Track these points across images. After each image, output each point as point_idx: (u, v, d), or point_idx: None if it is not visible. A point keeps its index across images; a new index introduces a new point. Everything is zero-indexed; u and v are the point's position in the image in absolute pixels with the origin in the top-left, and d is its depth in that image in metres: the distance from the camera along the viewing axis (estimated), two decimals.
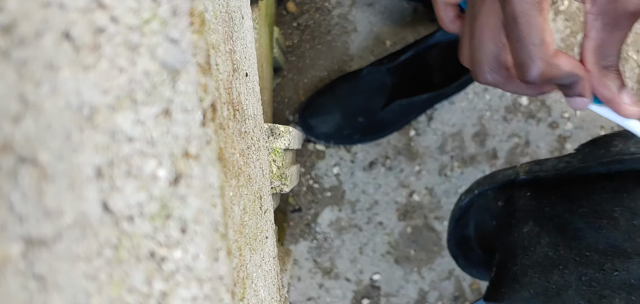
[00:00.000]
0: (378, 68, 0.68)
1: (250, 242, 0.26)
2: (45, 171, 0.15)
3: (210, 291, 0.18)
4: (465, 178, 0.73)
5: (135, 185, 0.16)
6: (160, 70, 0.17)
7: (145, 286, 0.17)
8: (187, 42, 0.17)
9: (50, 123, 0.15)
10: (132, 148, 0.16)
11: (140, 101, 0.17)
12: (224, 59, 0.25)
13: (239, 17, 0.30)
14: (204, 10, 0.18)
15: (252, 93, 0.31)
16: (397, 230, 0.74)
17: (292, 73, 0.75)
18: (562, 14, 0.74)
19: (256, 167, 0.30)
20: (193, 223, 0.17)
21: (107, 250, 0.16)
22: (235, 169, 0.24)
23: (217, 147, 0.19)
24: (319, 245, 0.74)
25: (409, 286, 0.74)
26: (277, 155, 0.38)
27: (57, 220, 0.15)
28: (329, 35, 0.75)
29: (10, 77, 0.14)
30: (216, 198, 0.18)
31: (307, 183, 0.74)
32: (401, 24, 0.75)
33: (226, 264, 0.18)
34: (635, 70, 0.74)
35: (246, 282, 0.24)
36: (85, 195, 0.16)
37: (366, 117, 0.69)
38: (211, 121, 0.18)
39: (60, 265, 0.15)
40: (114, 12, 0.16)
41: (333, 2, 0.75)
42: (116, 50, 0.16)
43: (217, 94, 0.22)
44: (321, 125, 0.69)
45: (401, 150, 0.73)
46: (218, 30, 0.24)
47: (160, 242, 0.17)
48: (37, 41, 0.15)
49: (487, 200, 0.45)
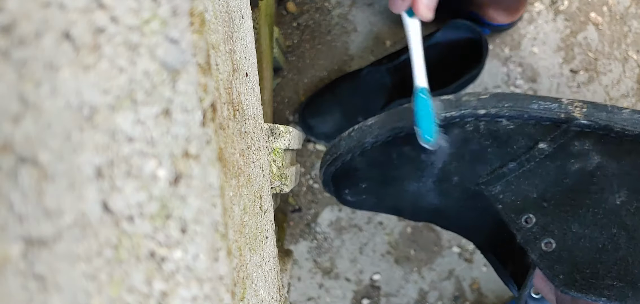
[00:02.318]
0: (378, 68, 0.68)
1: (250, 242, 0.26)
2: (45, 171, 0.15)
3: (210, 291, 0.18)
4: None
5: (135, 185, 0.16)
6: (160, 70, 0.17)
7: (145, 286, 0.17)
8: (187, 42, 0.17)
9: (50, 123, 0.15)
10: (132, 148, 0.16)
11: (140, 101, 0.17)
12: (224, 59, 0.25)
13: (239, 17, 0.30)
14: (204, 10, 0.18)
15: (252, 93, 0.31)
16: (397, 230, 0.74)
17: (292, 73, 0.75)
18: (562, 14, 0.74)
19: (256, 167, 0.30)
20: (193, 223, 0.17)
21: (107, 250, 0.16)
22: (235, 169, 0.24)
23: (217, 147, 0.19)
24: (319, 245, 0.74)
25: (409, 286, 0.74)
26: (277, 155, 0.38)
27: (57, 220, 0.15)
28: (329, 35, 0.75)
29: (10, 77, 0.14)
30: (216, 198, 0.18)
31: (307, 183, 0.74)
32: (401, 24, 0.75)
33: (226, 264, 0.18)
34: (635, 70, 0.74)
35: (246, 282, 0.24)
36: (85, 195, 0.16)
37: (366, 117, 0.69)
38: (211, 121, 0.18)
39: (60, 265, 0.15)
40: (114, 12, 0.16)
41: (333, 2, 0.75)
42: (116, 50, 0.16)
43: (217, 94, 0.22)
44: (321, 125, 0.69)
45: None
46: (218, 30, 0.24)
47: (160, 242, 0.17)
48: (37, 41, 0.15)
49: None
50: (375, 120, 0.37)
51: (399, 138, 0.36)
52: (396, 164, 0.37)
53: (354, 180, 0.39)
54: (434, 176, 0.37)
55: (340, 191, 0.41)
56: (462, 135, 0.34)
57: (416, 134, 0.34)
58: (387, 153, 0.37)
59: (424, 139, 0.34)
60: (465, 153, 0.35)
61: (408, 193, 0.38)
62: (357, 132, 0.37)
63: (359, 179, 0.39)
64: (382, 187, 0.39)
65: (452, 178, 0.36)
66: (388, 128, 0.36)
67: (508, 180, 0.34)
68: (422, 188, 0.38)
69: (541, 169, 0.33)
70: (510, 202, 0.34)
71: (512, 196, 0.34)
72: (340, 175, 0.39)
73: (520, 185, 0.34)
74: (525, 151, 0.33)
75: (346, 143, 0.37)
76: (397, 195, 0.39)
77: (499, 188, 0.34)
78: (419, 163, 0.36)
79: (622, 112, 0.32)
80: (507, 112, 0.33)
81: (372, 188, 0.39)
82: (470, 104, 0.34)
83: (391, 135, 0.36)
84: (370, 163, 0.38)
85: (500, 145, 0.34)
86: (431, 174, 0.36)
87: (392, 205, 0.40)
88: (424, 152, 0.35)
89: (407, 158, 0.36)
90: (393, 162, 0.37)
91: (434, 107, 0.34)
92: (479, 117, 0.34)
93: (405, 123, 0.35)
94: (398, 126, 0.35)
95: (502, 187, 0.34)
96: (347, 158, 0.38)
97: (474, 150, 0.35)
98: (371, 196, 0.40)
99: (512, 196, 0.34)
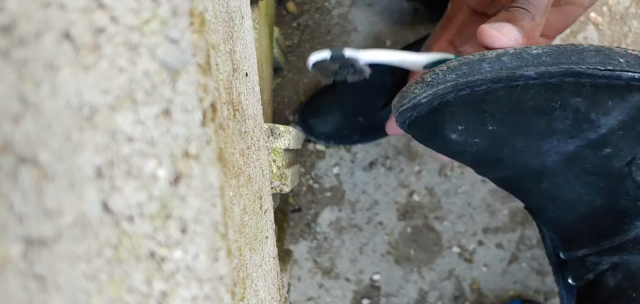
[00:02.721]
0: (378, 68, 0.68)
1: (250, 242, 0.26)
2: (45, 171, 0.15)
3: (210, 291, 0.18)
4: (465, 178, 0.73)
5: (135, 185, 0.16)
6: (160, 70, 0.17)
7: (145, 286, 0.17)
8: (187, 42, 0.17)
9: (50, 123, 0.15)
10: (132, 148, 0.16)
11: (140, 101, 0.17)
12: (224, 59, 0.25)
13: (239, 17, 0.30)
14: (204, 10, 0.18)
15: (252, 93, 0.31)
16: (397, 230, 0.74)
17: (292, 73, 0.75)
18: None
19: (256, 167, 0.30)
20: (193, 223, 0.17)
21: (107, 250, 0.16)
22: (235, 169, 0.24)
23: (217, 147, 0.19)
24: (319, 245, 0.74)
25: (409, 286, 0.74)
26: (277, 155, 0.38)
27: (57, 220, 0.15)
28: (329, 35, 0.75)
29: (10, 77, 0.14)
30: (216, 198, 0.18)
31: (307, 183, 0.74)
32: (401, 24, 0.75)
33: (226, 264, 0.18)
34: None
35: (246, 282, 0.24)
36: (85, 195, 0.16)
37: (366, 117, 0.69)
38: (211, 121, 0.18)
39: (60, 265, 0.15)
40: (114, 12, 0.16)
41: (333, 2, 0.75)
42: (116, 50, 0.16)
43: (217, 94, 0.22)
44: (321, 125, 0.69)
45: (401, 150, 0.73)
46: (218, 30, 0.24)
47: (160, 242, 0.17)
48: (37, 41, 0.15)
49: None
50: (542, 50, 0.29)
51: (569, 85, 0.29)
52: (554, 115, 0.30)
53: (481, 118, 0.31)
54: (588, 140, 0.30)
55: (449, 126, 0.32)
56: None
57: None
58: (548, 99, 0.30)
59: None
60: (638, 126, 0.29)
61: (537, 150, 0.32)
62: (512, 58, 0.29)
63: (489, 118, 0.31)
64: (512, 136, 0.31)
65: (605, 149, 0.30)
66: (563, 67, 0.29)
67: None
68: (559, 148, 0.31)
69: None
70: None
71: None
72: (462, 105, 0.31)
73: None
74: None
75: (492, 68, 0.30)
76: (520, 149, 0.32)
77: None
78: (584, 122, 0.30)
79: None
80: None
81: (500, 134, 0.31)
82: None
83: (560, 78, 0.29)
84: (517, 104, 0.30)
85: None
86: (586, 138, 0.30)
87: (501, 158, 0.33)
88: (596, 111, 0.29)
89: (572, 111, 0.29)
90: (551, 111, 0.30)
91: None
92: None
93: (585, 68, 0.28)
94: (575, 69, 0.29)
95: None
96: (484, 88, 0.30)
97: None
98: (487, 142, 0.32)
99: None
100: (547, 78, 0.29)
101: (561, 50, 0.29)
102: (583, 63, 0.28)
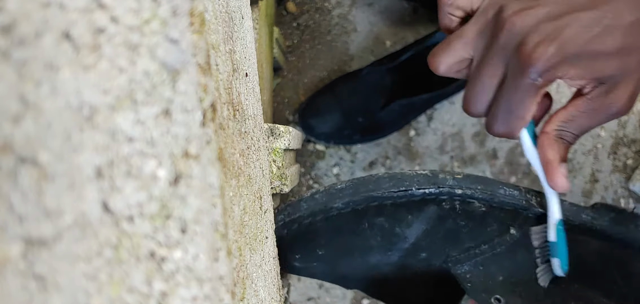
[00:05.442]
0: (378, 68, 0.68)
1: (250, 242, 0.26)
2: (45, 171, 0.15)
3: (210, 291, 0.18)
4: None
5: (135, 185, 0.16)
6: (160, 70, 0.17)
7: (145, 286, 0.17)
8: (187, 42, 0.17)
9: (50, 123, 0.15)
10: (132, 148, 0.16)
11: (140, 101, 0.17)
12: (224, 59, 0.25)
13: (239, 17, 0.30)
14: (204, 10, 0.18)
15: (252, 93, 0.31)
16: None
17: (292, 73, 0.75)
18: None
19: (256, 167, 0.30)
20: (193, 223, 0.17)
21: (107, 250, 0.16)
22: (235, 169, 0.24)
23: (217, 147, 0.19)
24: None
25: None
26: (277, 155, 0.38)
27: (57, 220, 0.15)
28: (329, 35, 0.75)
29: (10, 77, 0.14)
30: (216, 198, 0.18)
31: (307, 183, 0.74)
32: (401, 24, 0.75)
33: (226, 264, 0.18)
34: None
35: (246, 282, 0.24)
36: (85, 195, 0.16)
37: (366, 117, 0.69)
38: (211, 121, 0.18)
39: (60, 265, 0.15)
40: (114, 12, 0.16)
41: (333, 2, 0.75)
42: (116, 50, 0.16)
43: (217, 94, 0.22)
44: (321, 125, 0.69)
45: (401, 150, 0.73)
46: (218, 30, 0.24)
47: (160, 242, 0.17)
48: (37, 41, 0.15)
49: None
50: (346, 184, 0.35)
51: (372, 208, 0.34)
52: (366, 234, 0.35)
53: (310, 246, 0.36)
54: (403, 251, 0.36)
55: (289, 256, 0.37)
56: (438, 213, 0.34)
57: (552, 265, 0.33)
58: (357, 222, 0.35)
59: (562, 269, 0.33)
60: (440, 230, 0.35)
61: (367, 264, 0.37)
62: (323, 195, 0.35)
63: (316, 245, 0.36)
64: (341, 256, 0.37)
65: (420, 254, 0.36)
66: (362, 195, 0.34)
67: (477, 261, 0.34)
68: (384, 260, 0.36)
69: (511, 253, 0.34)
70: (479, 282, 0.34)
71: (481, 277, 0.34)
72: (292, 238, 0.36)
73: (489, 266, 0.34)
74: (498, 235, 0.34)
75: (309, 205, 0.35)
76: (353, 265, 0.37)
77: (467, 268, 0.35)
78: (392, 236, 0.35)
79: (564, 204, 0.34)
80: (480, 194, 0.33)
81: (329, 256, 0.37)
82: (447, 183, 0.34)
83: (364, 204, 0.34)
84: (335, 230, 0.35)
85: (474, 227, 0.34)
86: (401, 248, 0.35)
87: (343, 274, 0.38)
88: (399, 225, 0.35)
89: (379, 229, 0.35)
90: (363, 232, 0.35)
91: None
92: (455, 196, 0.33)
93: (381, 192, 0.34)
94: (373, 195, 0.34)
95: (471, 267, 0.34)
96: (306, 221, 0.35)
97: (449, 229, 0.34)
98: (324, 265, 0.37)
99: (481, 277, 0.34)
100: (354, 206, 0.34)
101: (361, 181, 0.35)
102: (379, 189, 0.34)
